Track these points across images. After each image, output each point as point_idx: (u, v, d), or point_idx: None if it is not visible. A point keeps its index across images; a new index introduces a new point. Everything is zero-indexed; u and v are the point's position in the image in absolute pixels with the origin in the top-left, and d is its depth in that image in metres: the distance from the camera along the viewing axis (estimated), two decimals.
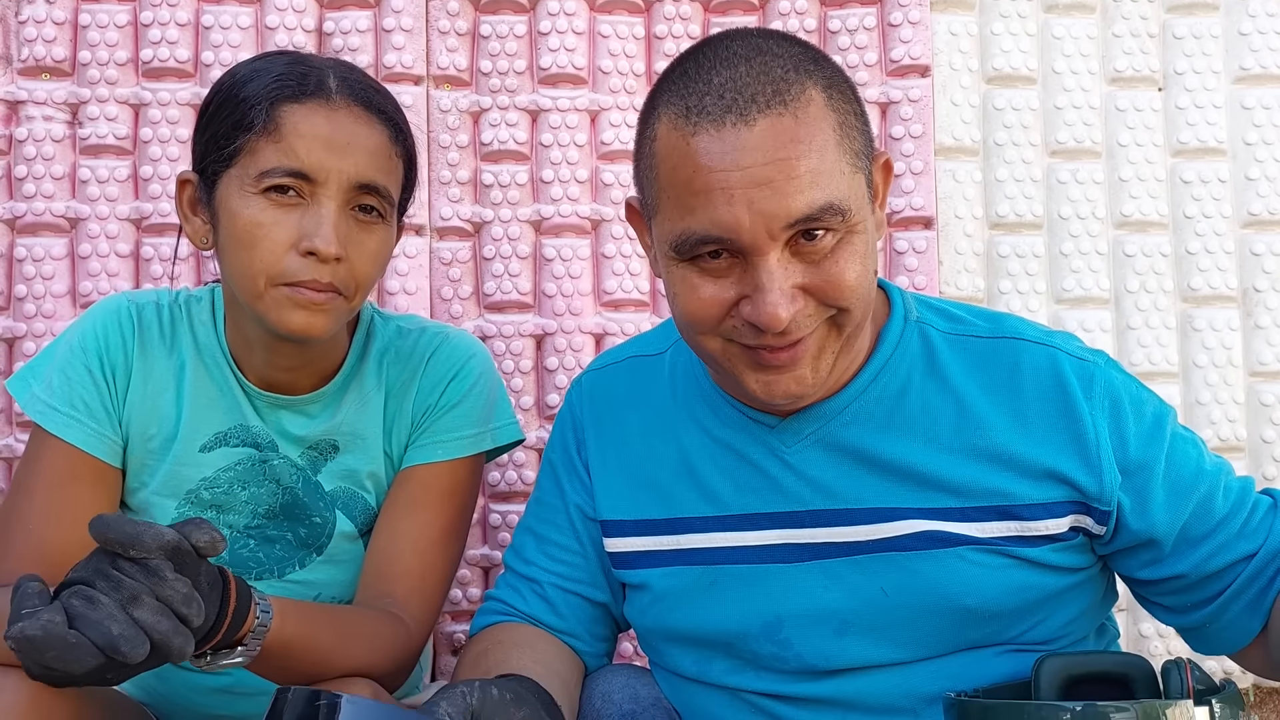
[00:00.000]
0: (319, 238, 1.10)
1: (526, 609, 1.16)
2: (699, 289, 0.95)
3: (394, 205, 1.19)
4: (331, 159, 1.11)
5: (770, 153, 0.89)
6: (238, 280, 1.14)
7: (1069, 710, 0.82)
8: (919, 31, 1.86)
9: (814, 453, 1.05)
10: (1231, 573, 0.99)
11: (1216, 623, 1.02)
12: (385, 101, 1.19)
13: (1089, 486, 0.99)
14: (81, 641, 0.76)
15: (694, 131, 0.91)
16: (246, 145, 1.12)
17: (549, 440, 1.24)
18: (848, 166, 0.93)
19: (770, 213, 0.89)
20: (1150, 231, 1.88)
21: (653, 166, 0.97)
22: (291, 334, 1.13)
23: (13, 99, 1.77)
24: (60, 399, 1.20)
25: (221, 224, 1.14)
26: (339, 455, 1.29)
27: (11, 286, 1.76)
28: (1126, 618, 1.84)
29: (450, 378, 1.29)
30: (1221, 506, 1.00)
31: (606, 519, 1.14)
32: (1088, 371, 1.02)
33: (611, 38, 1.86)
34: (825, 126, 0.92)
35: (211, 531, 0.83)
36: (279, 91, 1.12)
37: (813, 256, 0.92)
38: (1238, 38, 1.89)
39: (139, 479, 1.25)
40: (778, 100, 0.90)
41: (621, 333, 1.82)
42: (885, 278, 1.84)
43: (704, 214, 0.91)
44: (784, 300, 0.90)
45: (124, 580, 0.78)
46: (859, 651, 1.03)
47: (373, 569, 1.25)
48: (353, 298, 1.16)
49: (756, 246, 0.91)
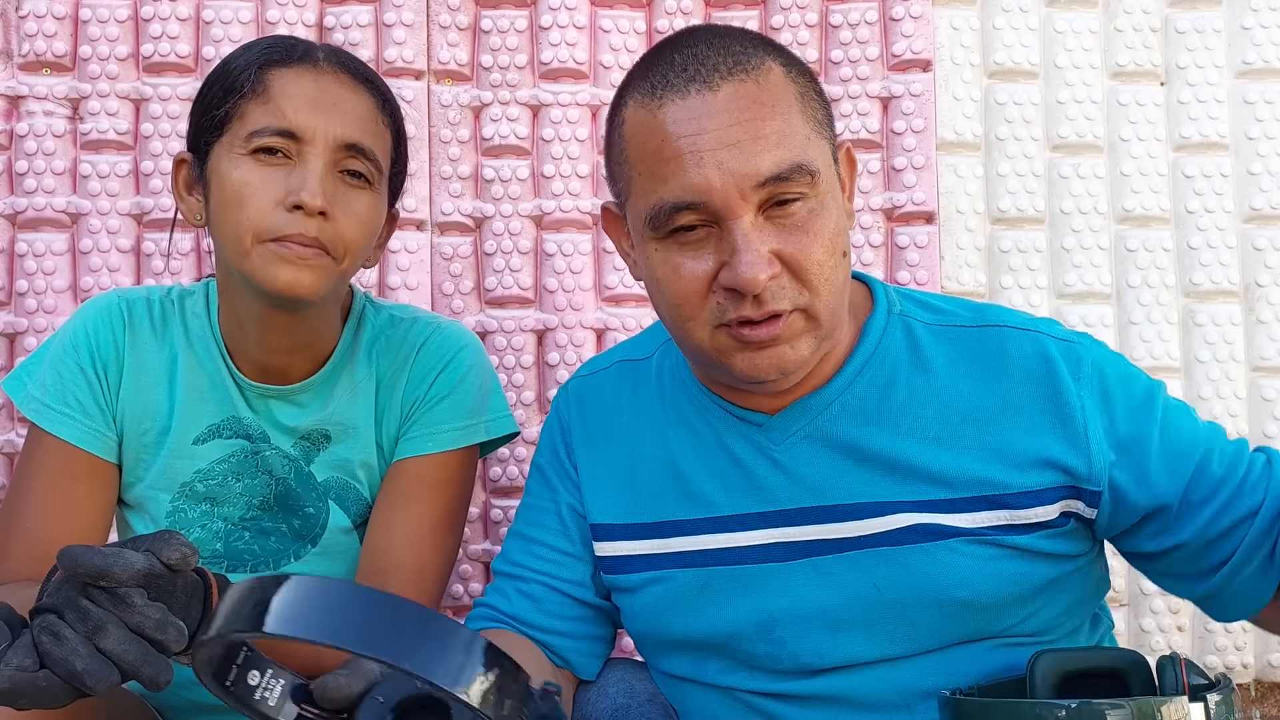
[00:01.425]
0: (305, 191, 1.11)
1: (511, 609, 1.14)
2: (679, 267, 0.96)
3: (381, 173, 1.20)
4: (318, 118, 1.13)
5: (735, 115, 0.92)
6: (227, 243, 1.15)
7: (1064, 708, 0.82)
8: (920, 26, 1.86)
9: (803, 449, 1.05)
10: (1238, 532, 0.98)
11: (1231, 586, 1.00)
12: (372, 74, 1.22)
13: (1078, 469, 0.99)
14: (52, 682, 0.75)
15: (660, 104, 0.94)
16: (236, 110, 1.14)
17: (537, 447, 1.23)
18: (812, 133, 0.96)
19: (740, 172, 0.91)
20: (1152, 226, 1.87)
21: (623, 150, 0.99)
22: (278, 291, 1.13)
23: (13, 94, 1.77)
24: (54, 396, 1.20)
25: (213, 192, 1.16)
26: (331, 445, 1.28)
27: (13, 282, 1.76)
28: (1128, 612, 1.84)
29: (440, 369, 1.29)
30: (1219, 468, 0.99)
31: (596, 523, 1.13)
32: (1074, 353, 1.02)
33: (613, 32, 1.86)
34: (787, 94, 0.95)
35: (182, 546, 0.82)
36: (267, 56, 1.16)
37: (785, 223, 0.94)
38: (1240, 32, 1.89)
39: (134, 473, 1.25)
40: (739, 69, 0.94)
41: (623, 328, 1.82)
42: (886, 272, 1.84)
43: (675, 181, 0.93)
44: (760, 261, 0.91)
45: (91, 610, 0.77)
46: (853, 648, 1.02)
47: (367, 563, 1.25)
48: (341, 260, 1.16)
49: (729, 208, 0.92)
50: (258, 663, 0.73)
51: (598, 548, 1.13)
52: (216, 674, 0.70)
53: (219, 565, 1.26)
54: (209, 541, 1.26)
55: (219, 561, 1.26)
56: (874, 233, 1.85)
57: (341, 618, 0.59)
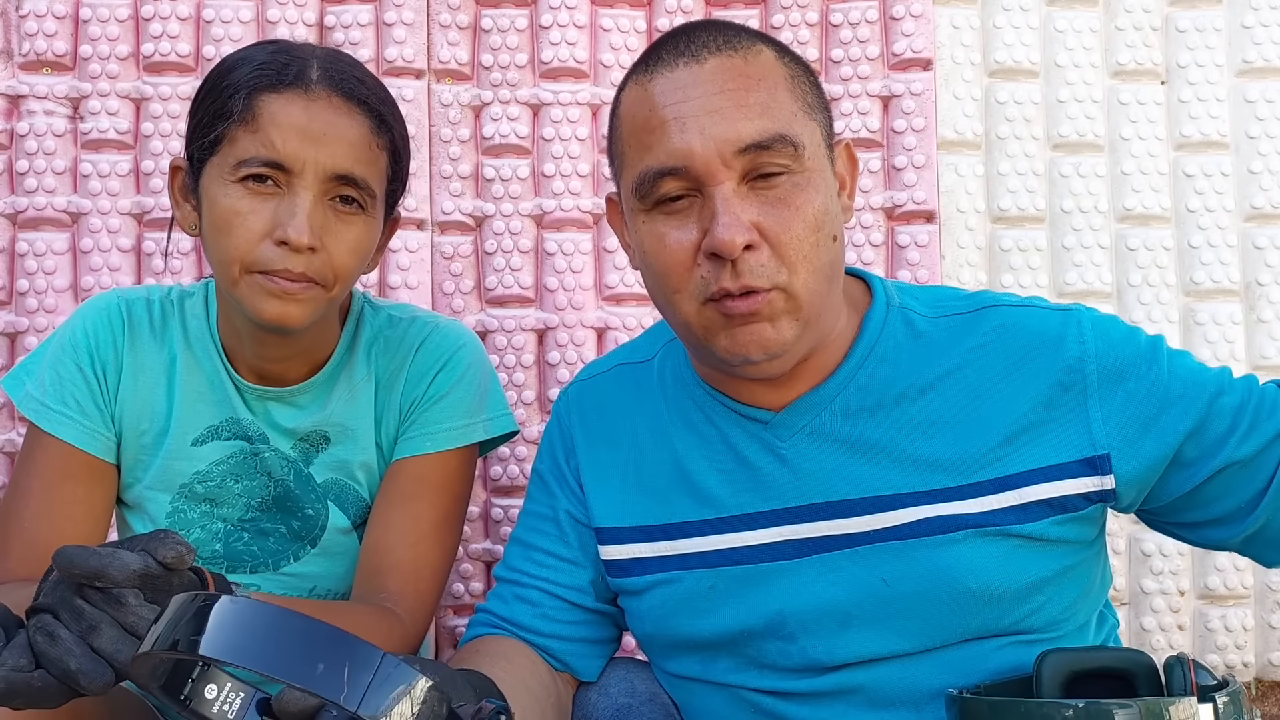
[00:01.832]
0: (291, 228, 1.09)
1: (509, 614, 1.14)
2: (664, 237, 0.97)
3: (375, 197, 1.18)
4: (307, 149, 1.11)
5: (720, 84, 0.95)
6: (217, 267, 1.14)
7: (1071, 707, 0.82)
8: (921, 25, 1.86)
9: (808, 445, 1.04)
10: (1271, 453, 0.97)
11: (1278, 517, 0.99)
12: (369, 93, 1.18)
13: (1084, 438, 0.99)
14: (47, 682, 0.76)
15: (650, 79, 0.98)
16: (226, 134, 1.12)
17: (537, 453, 1.23)
18: (800, 112, 0.97)
19: (721, 137, 0.93)
20: (1153, 225, 1.88)
21: (618, 129, 1.02)
22: (266, 323, 1.13)
23: (14, 93, 1.77)
24: (53, 397, 1.20)
25: (205, 211, 1.15)
26: (330, 447, 1.28)
27: (13, 281, 1.76)
28: (1128, 611, 1.85)
29: (439, 368, 1.28)
30: (1233, 399, 0.99)
31: (601, 526, 1.13)
32: (1073, 319, 1.03)
33: (613, 31, 1.86)
34: (776, 74, 0.97)
35: (178, 545, 0.82)
36: (258, 80, 1.13)
37: (769, 196, 0.95)
38: (1240, 30, 1.89)
39: (133, 474, 1.25)
40: (729, 46, 0.97)
41: (623, 327, 1.82)
42: (887, 271, 1.84)
43: (660, 147, 0.95)
44: (737, 225, 0.92)
45: (85, 610, 0.78)
46: (863, 644, 1.02)
47: (366, 563, 1.24)
48: (331, 288, 1.15)
49: (710, 173, 0.94)
50: (214, 677, 0.73)
51: (603, 551, 1.12)
52: (166, 687, 0.70)
53: (218, 566, 1.25)
54: (208, 542, 1.26)
55: (218, 562, 1.26)
56: (875, 232, 1.85)
57: (272, 645, 0.59)
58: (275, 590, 1.26)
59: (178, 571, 0.84)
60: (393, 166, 1.21)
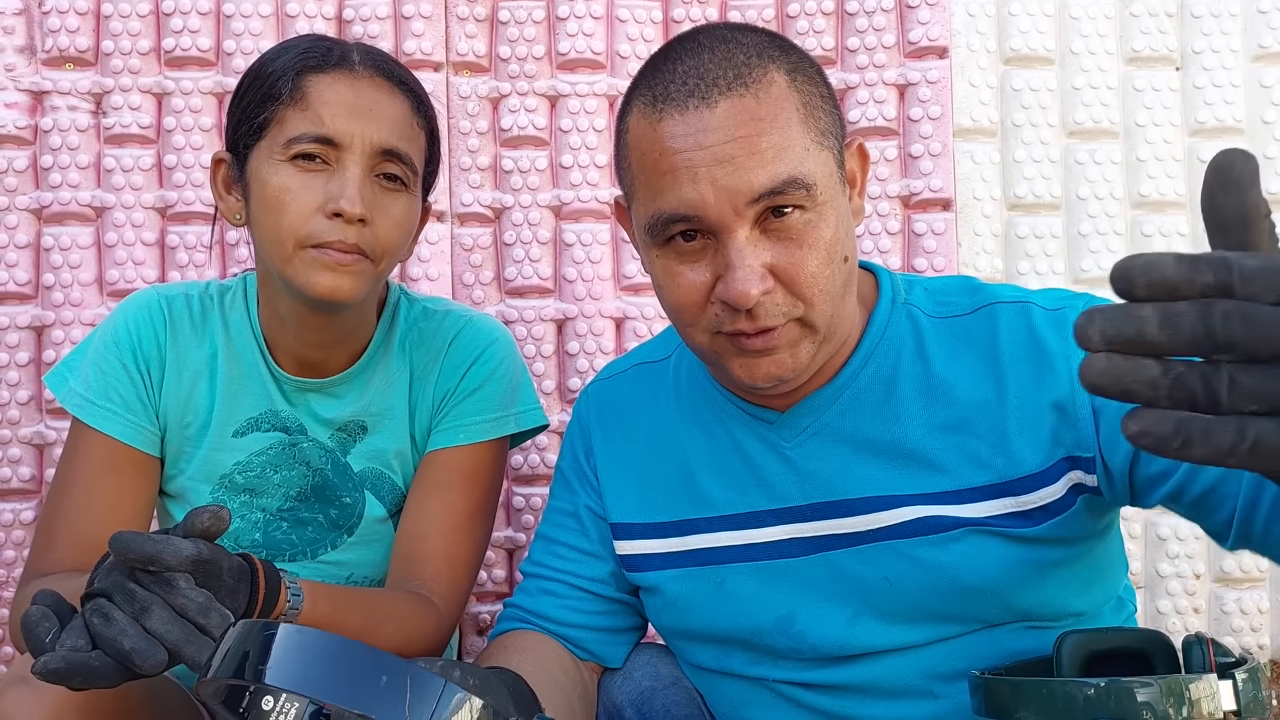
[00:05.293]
0: (344, 199, 1.13)
1: (535, 607, 1.17)
2: (678, 276, 0.97)
3: (417, 175, 1.21)
4: (355, 124, 1.15)
5: (731, 131, 0.91)
6: (268, 246, 1.16)
7: (1094, 686, 0.83)
8: (937, 13, 1.86)
9: (813, 445, 1.06)
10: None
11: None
12: (407, 75, 1.23)
13: (1070, 435, 0.98)
14: (103, 662, 0.79)
15: (660, 117, 0.94)
16: (275, 115, 1.15)
17: (560, 452, 1.26)
18: (813, 144, 0.95)
19: (733, 188, 0.91)
20: (1168, 211, 1.88)
21: (627, 157, 1.00)
22: (319, 297, 1.15)
23: (38, 89, 1.78)
24: (96, 392, 1.22)
25: (253, 194, 1.17)
26: (367, 436, 1.31)
27: (39, 275, 1.78)
28: (1144, 595, 1.86)
29: (471, 362, 1.31)
30: None
31: (616, 522, 1.15)
32: (1062, 317, 1.01)
33: (630, 22, 1.87)
34: (787, 106, 0.94)
35: (215, 511, 0.86)
36: (304, 62, 1.17)
37: (781, 235, 0.93)
38: (1256, 15, 1.89)
39: (176, 466, 1.28)
40: (739, 83, 0.93)
41: (641, 316, 1.83)
42: (904, 259, 1.85)
43: (671, 194, 0.93)
44: (753, 277, 0.92)
45: (137, 592, 0.81)
46: (873, 638, 1.03)
47: (401, 552, 1.27)
48: (379, 262, 1.18)
49: (724, 224, 0.92)
50: (270, 689, 0.75)
51: (619, 546, 1.15)
52: (227, 702, 0.73)
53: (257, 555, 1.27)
54: (248, 531, 1.29)
55: (258, 551, 1.28)
56: (891, 220, 1.86)
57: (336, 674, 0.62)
58: (313, 578, 1.29)
59: (227, 555, 0.87)
60: (430, 148, 1.25)
